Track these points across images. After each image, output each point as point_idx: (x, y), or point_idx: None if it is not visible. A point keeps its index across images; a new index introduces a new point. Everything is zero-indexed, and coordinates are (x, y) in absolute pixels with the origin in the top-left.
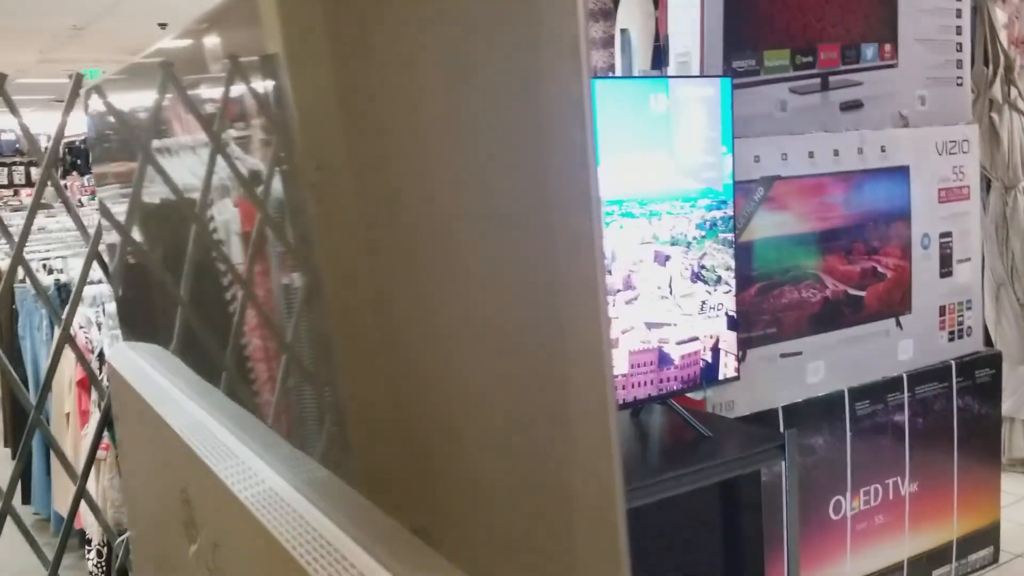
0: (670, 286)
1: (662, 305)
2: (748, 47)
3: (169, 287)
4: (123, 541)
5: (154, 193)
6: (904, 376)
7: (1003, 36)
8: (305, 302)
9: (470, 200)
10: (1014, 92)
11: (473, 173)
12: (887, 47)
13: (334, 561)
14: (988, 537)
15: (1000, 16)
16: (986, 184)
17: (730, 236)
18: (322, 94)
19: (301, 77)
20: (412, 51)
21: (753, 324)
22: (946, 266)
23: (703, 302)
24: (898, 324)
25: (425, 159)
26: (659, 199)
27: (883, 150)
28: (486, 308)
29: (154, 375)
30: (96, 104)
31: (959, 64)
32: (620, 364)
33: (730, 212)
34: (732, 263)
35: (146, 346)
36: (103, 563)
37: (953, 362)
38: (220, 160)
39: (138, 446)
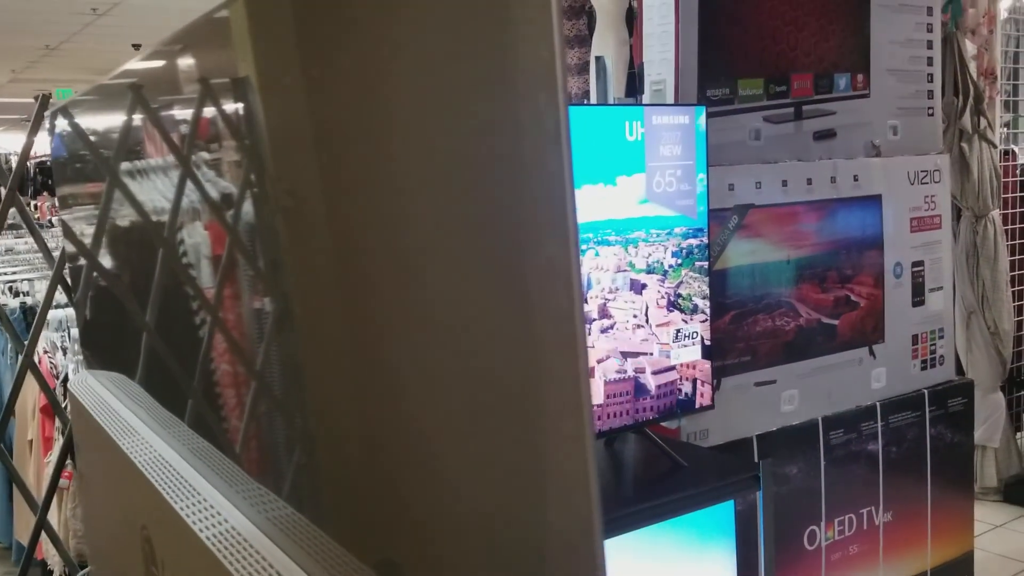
0: (646, 314)
1: (638, 334)
2: (722, 75)
3: (134, 314)
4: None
5: (120, 216)
6: (878, 405)
7: (972, 67)
8: (274, 333)
9: (445, 227)
10: (983, 122)
11: (448, 200)
12: (859, 77)
13: None
14: (962, 567)
15: (969, 47)
16: (956, 213)
17: (705, 264)
18: (294, 118)
19: (272, 100)
20: (386, 75)
21: (727, 352)
22: (918, 295)
23: (678, 330)
24: (871, 353)
25: (399, 185)
26: (634, 227)
27: (856, 179)
28: (461, 339)
29: (116, 406)
30: (62, 125)
31: (930, 94)
32: (596, 394)
33: (705, 240)
34: (707, 291)
35: (109, 375)
36: None
37: (926, 391)
38: (189, 184)
39: (99, 479)
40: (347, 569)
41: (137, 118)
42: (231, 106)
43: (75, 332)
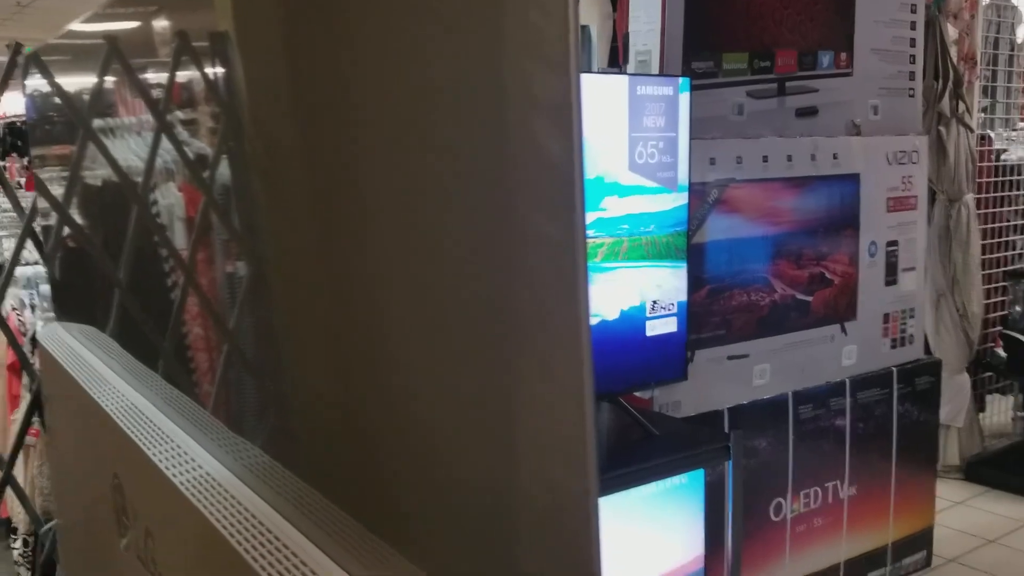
0: None
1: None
2: (707, 48)
3: (107, 265)
4: (50, 530)
5: (93, 169)
6: (847, 381)
7: (953, 52)
8: (254, 285)
9: (433, 186)
10: (962, 106)
11: (436, 156)
12: (843, 55)
13: (274, 549)
14: (922, 541)
15: (951, 32)
16: (931, 196)
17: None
18: (276, 74)
19: (253, 54)
20: (376, 31)
21: (702, 326)
22: (891, 274)
23: (655, 301)
24: (843, 330)
25: (389, 144)
26: (619, 194)
27: (835, 157)
28: (444, 296)
29: (87, 356)
30: (35, 75)
31: (911, 76)
32: None
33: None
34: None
35: (80, 327)
36: (29, 553)
37: (895, 369)
38: (165, 140)
39: (68, 430)
40: (322, 514)
41: (111, 71)
42: (209, 60)
43: (44, 289)
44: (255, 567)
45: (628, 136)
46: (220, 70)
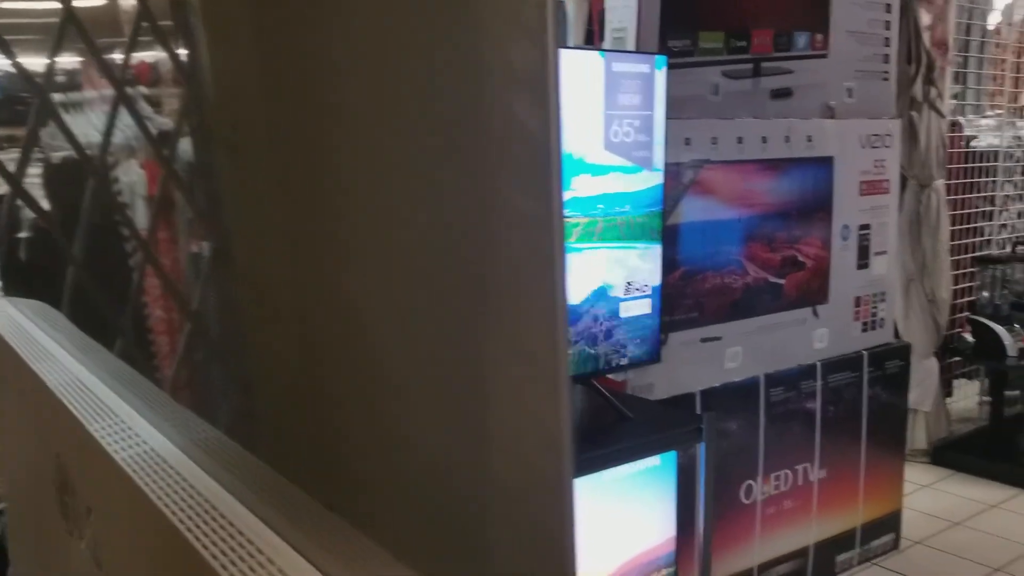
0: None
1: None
2: (684, 26)
3: (59, 240)
4: (1, 513)
5: (52, 147)
6: (818, 364)
7: (926, 37)
8: (218, 260)
9: (404, 160)
10: (933, 92)
11: (409, 129)
12: (819, 37)
13: (219, 527)
14: (890, 524)
15: (925, 17)
16: (902, 182)
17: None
18: (242, 43)
19: (219, 25)
20: (348, 1)
21: (676, 308)
22: (863, 258)
23: (628, 283)
24: (815, 313)
25: (361, 117)
26: (593, 173)
27: (809, 140)
28: (415, 273)
29: (34, 331)
30: None
31: (886, 59)
32: None
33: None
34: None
35: (29, 302)
36: None
37: (865, 352)
38: (124, 112)
39: (12, 408)
40: (275, 491)
41: (66, 44)
42: (173, 34)
43: None
44: (197, 546)
45: (604, 114)
46: (184, 43)
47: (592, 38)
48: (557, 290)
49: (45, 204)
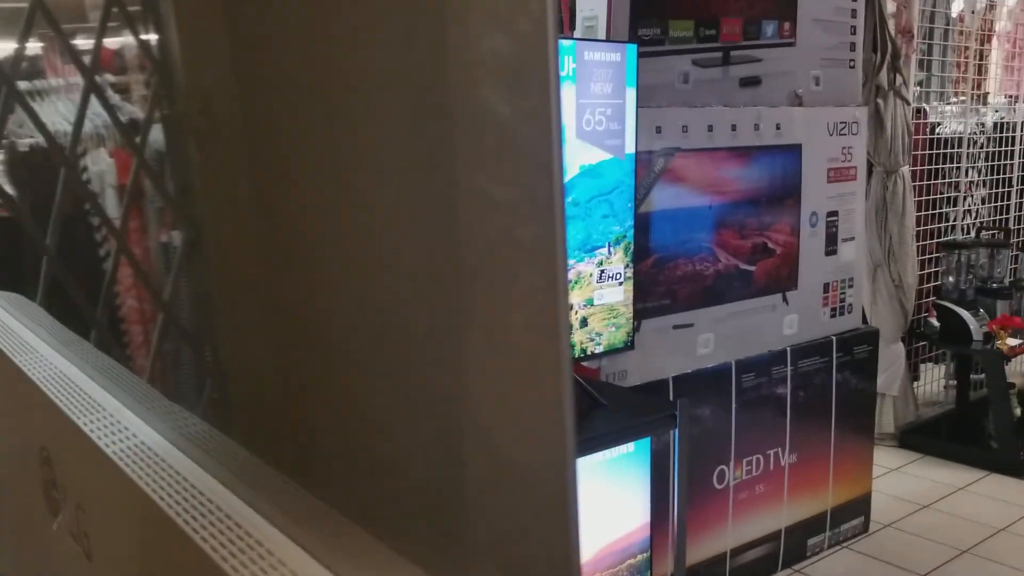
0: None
1: None
2: (654, 15)
3: (34, 232)
4: None
5: (20, 134)
6: (788, 350)
7: (891, 24)
8: (190, 251)
9: (379, 149)
10: (899, 79)
11: (384, 120)
12: (786, 25)
13: (216, 520)
14: (860, 507)
15: (889, 5)
16: (868, 169)
17: (631, 206)
18: (211, 23)
19: (188, 5)
20: None
21: (648, 295)
22: (831, 244)
23: (602, 270)
24: (784, 299)
25: (333, 105)
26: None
27: (778, 128)
28: (387, 260)
29: (13, 324)
30: None
31: (852, 47)
32: None
33: (632, 182)
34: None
35: (5, 295)
36: None
37: (834, 337)
38: (93, 99)
39: None
40: (263, 480)
41: (34, 30)
42: (141, 19)
43: None
44: (196, 539)
45: (576, 102)
46: (153, 27)
47: (562, 26)
48: (558, 278)
49: (14, 192)
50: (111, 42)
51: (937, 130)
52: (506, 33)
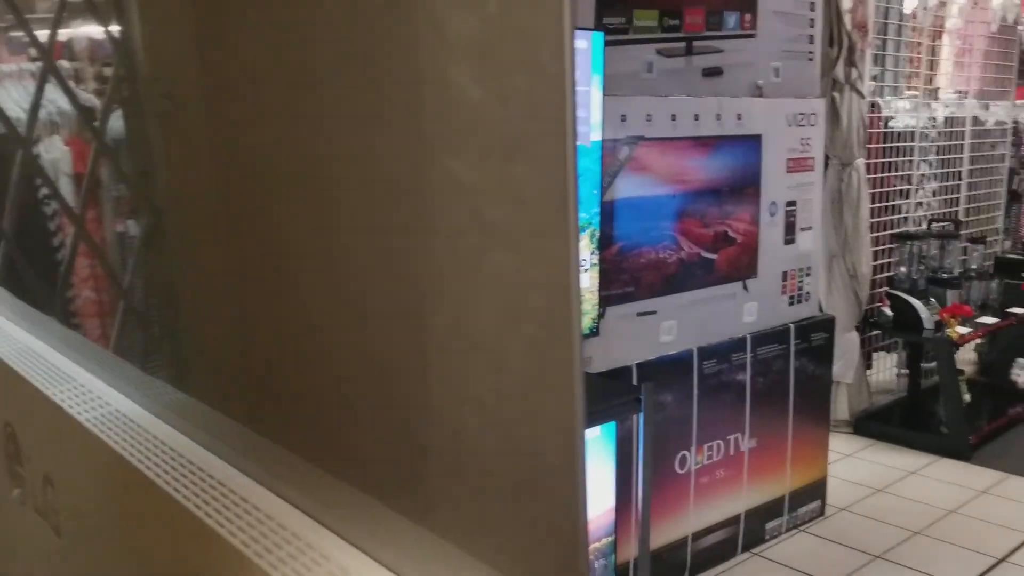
0: None
1: None
2: (619, 4)
3: None
4: None
5: None
6: (748, 337)
7: (847, 19)
8: (150, 230)
9: (342, 131)
10: (854, 73)
11: (346, 101)
12: (747, 16)
13: (198, 480)
14: (816, 492)
15: (845, 1)
16: (824, 160)
17: (597, 193)
18: (175, 11)
19: None
20: None
21: (613, 283)
22: (790, 233)
23: None
24: (745, 287)
25: (295, 86)
26: None
27: (739, 118)
28: (348, 242)
29: None
30: None
31: (811, 39)
32: None
33: (598, 169)
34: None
35: None
36: None
37: (792, 325)
38: (46, 87)
39: None
40: (239, 440)
41: None
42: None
43: None
44: (178, 498)
45: None
46: (114, 12)
47: None
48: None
49: None
50: (71, 27)
51: (890, 124)
52: (476, 15)
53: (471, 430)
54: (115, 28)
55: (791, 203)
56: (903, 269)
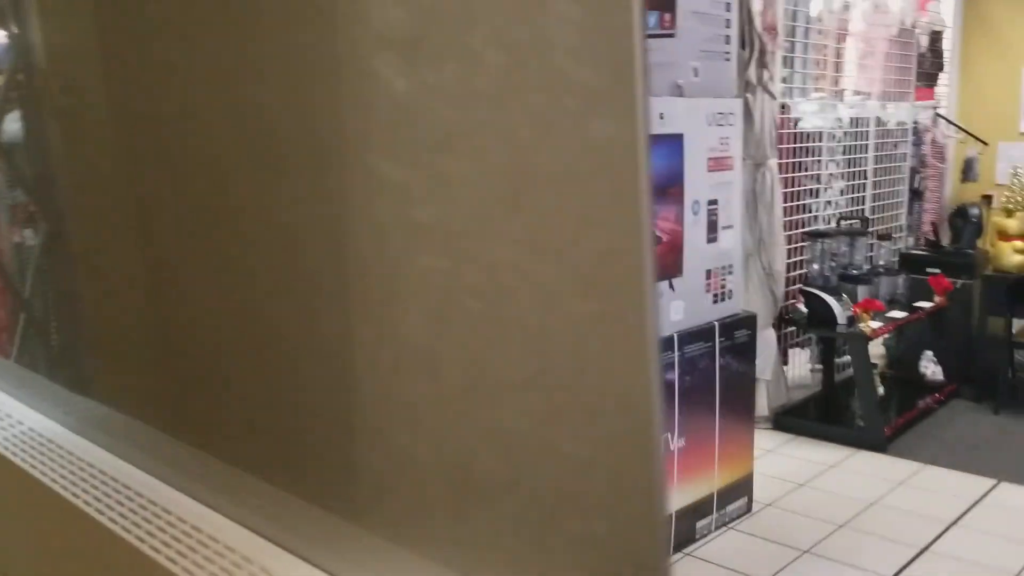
0: None
1: None
2: None
3: None
4: None
5: None
6: (675, 336)
7: (758, 21)
8: (50, 242)
9: (257, 125)
10: (766, 75)
11: (262, 94)
12: (667, 16)
13: (121, 498)
14: (743, 488)
15: (756, 3)
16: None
17: None
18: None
19: None
20: None
21: None
22: (712, 232)
23: None
24: (671, 286)
25: (210, 79)
26: None
27: (661, 117)
28: (266, 238)
29: None
30: None
31: (727, 39)
32: None
33: None
34: None
35: None
36: None
37: (716, 323)
38: None
39: None
40: (172, 451)
41: None
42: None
43: None
44: (103, 520)
45: None
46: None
47: None
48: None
49: None
50: None
51: (799, 124)
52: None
53: (404, 436)
54: (8, 18)
55: (712, 202)
56: (815, 266)
